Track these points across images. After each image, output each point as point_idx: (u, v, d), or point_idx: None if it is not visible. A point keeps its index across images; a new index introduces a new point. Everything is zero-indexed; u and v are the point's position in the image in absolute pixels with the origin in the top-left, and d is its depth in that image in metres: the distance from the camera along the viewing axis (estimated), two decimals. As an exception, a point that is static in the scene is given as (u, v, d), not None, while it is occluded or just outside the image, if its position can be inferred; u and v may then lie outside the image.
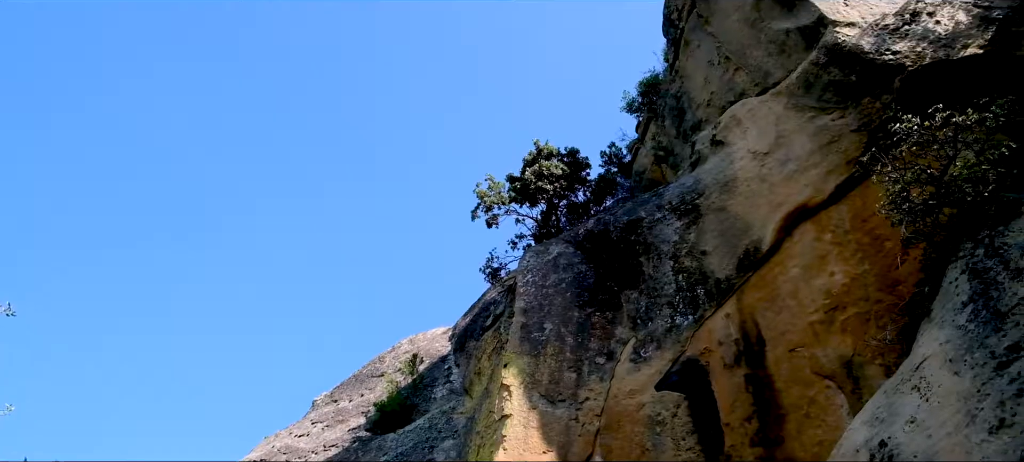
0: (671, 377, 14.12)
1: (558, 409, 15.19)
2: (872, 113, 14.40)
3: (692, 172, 17.66)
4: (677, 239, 16.19)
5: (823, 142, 14.84)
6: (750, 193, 15.41)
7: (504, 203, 22.78)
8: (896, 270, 12.14)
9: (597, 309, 16.61)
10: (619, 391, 14.60)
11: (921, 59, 14.24)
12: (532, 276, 18.43)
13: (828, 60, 15.48)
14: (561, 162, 22.94)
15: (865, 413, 9.90)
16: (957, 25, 14.55)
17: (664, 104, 21.17)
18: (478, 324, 20.06)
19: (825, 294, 12.84)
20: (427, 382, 20.00)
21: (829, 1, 16.55)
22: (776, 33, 17.33)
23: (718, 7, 19.66)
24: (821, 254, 13.33)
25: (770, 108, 16.45)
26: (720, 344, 13.87)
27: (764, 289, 13.83)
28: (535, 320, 17.12)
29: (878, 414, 9.65)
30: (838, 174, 14.12)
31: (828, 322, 12.53)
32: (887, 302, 12.04)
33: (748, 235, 14.82)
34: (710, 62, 19.54)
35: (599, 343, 15.96)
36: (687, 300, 15.06)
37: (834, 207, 13.81)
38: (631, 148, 22.25)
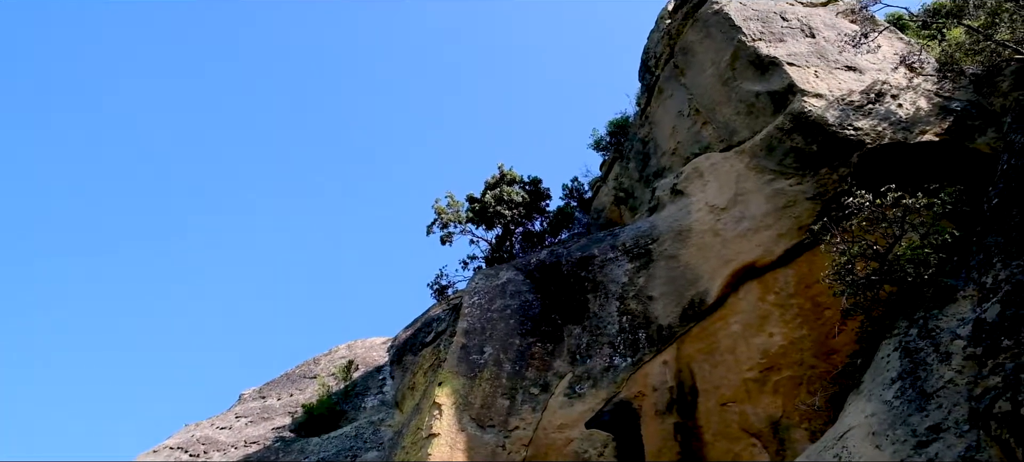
0: (603, 416, 14.03)
1: (487, 434, 14.98)
2: (828, 184, 14.63)
3: (649, 217, 17.74)
4: (626, 281, 16.20)
5: (779, 205, 15.02)
6: (703, 245, 15.51)
7: (461, 222, 22.65)
8: (832, 339, 12.27)
9: (539, 340, 16.50)
10: (549, 424, 14.46)
11: (880, 138, 14.55)
12: (479, 298, 18.27)
13: (793, 127, 15.72)
14: (523, 189, 22.93)
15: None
16: (918, 111, 14.93)
17: (631, 147, 21.32)
18: (419, 339, 19.81)
19: (762, 354, 12.91)
20: (359, 390, 19.62)
21: (801, 71, 16.90)
22: (747, 94, 17.59)
23: (695, 61, 19.95)
24: (763, 314, 13.42)
25: (732, 165, 16.63)
26: (654, 390, 13.85)
27: (704, 341, 13.87)
28: (476, 342, 16.94)
29: (798, 478, 9.67)
30: (789, 238, 14.28)
31: (762, 381, 12.59)
32: (820, 369, 12.14)
33: (695, 286, 14.89)
34: (680, 112, 19.76)
35: (536, 373, 15.83)
36: (628, 342, 15.03)
37: (781, 270, 13.95)
38: (593, 185, 22.35)
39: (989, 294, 9.85)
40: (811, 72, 16.98)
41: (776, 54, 17.52)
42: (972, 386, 8.83)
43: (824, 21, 19.83)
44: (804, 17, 19.83)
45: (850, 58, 17.55)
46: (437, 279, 21.56)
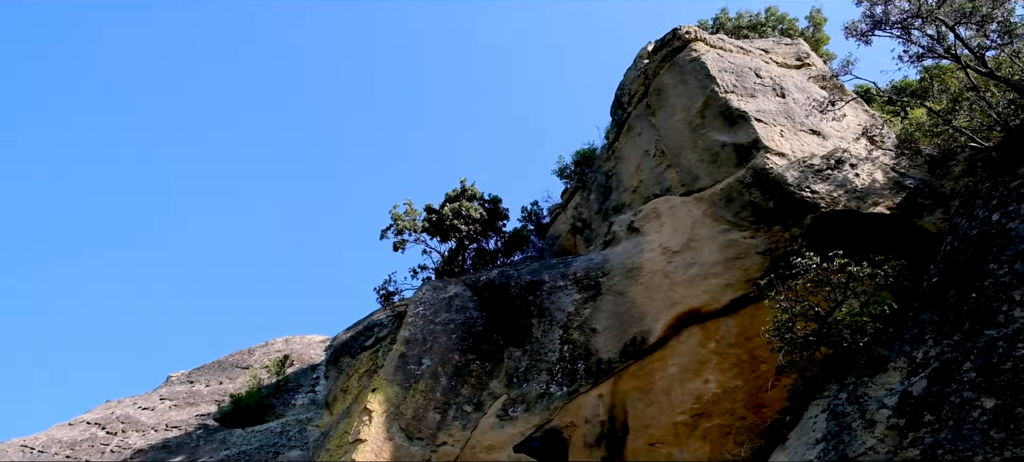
0: (532, 441, 13.92)
1: (414, 446, 14.76)
2: (780, 241, 14.82)
3: (603, 250, 17.79)
4: (572, 311, 16.18)
5: (730, 256, 15.16)
6: (651, 285, 15.56)
7: (416, 231, 22.52)
8: (765, 392, 12.35)
9: (478, 358, 16.37)
10: (478, 443, 14.30)
11: (835, 204, 14.80)
12: (424, 309, 18.10)
13: (753, 181, 15.93)
14: (482, 206, 22.89)
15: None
16: (873, 182, 15.23)
17: (594, 179, 21.41)
18: (358, 342, 19.53)
19: (696, 399, 12.94)
20: (291, 386, 19.22)
21: (767, 128, 17.17)
22: (713, 143, 17.80)
23: (667, 103, 20.16)
24: (702, 360, 13.48)
25: (690, 211, 16.77)
26: (586, 421, 13.79)
27: (641, 380, 13.87)
28: (415, 353, 16.74)
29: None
30: (736, 289, 14.40)
31: (692, 426, 12.61)
32: (750, 421, 12.21)
33: (639, 324, 14.91)
34: (646, 152, 19.92)
35: (471, 391, 15.68)
36: (566, 371, 14.98)
37: (724, 319, 14.05)
38: (552, 211, 22.40)
39: (919, 369, 10.00)
40: (777, 131, 17.26)
41: (746, 109, 17.78)
42: (892, 455, 8.93)
43: (795, 83, 20.21)
44: (777, 77, 20.19)
45: (815, 122, 17.88)
46: (385, 284, 21.39)
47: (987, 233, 11.64)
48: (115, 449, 17.44)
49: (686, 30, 21.68)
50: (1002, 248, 10.98)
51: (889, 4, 16.24)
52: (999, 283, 10.37)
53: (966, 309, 10.38)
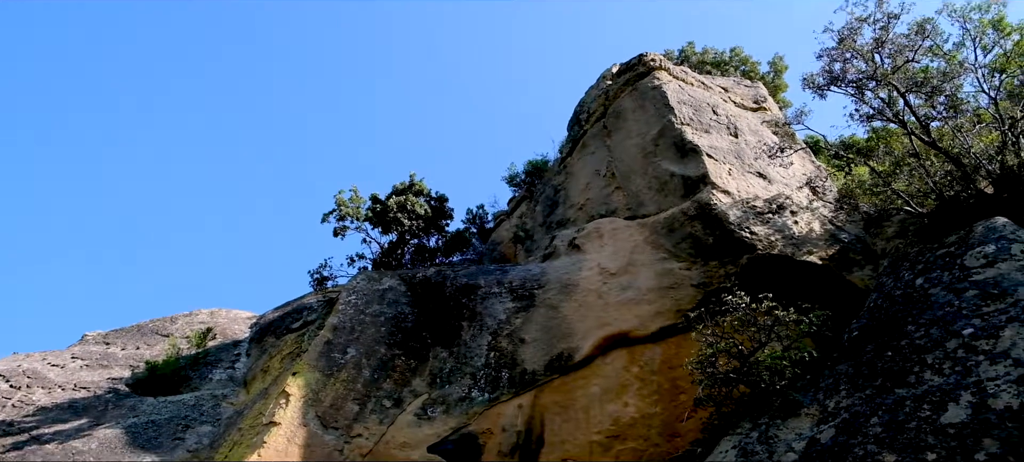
0: (447, 444, 13.79)
1: (328, 435, 14.50)
2: (715, 277, 15.01)
3: (542, 263, 17.79)
4: (504, 319, 16.12)
5: (665, 284, 15.29)
6: (585, 303, 15.60)
7: (359, 219, 22.22)
8: (680, 422, 12.46)
9: (404, 354, 16.19)
10: (393, 439, 14.11)
11: (771, 248, 15.05)
12: (356, 298, 17.85)
13: (697, 214, 16.12)
14: (428, 203, 22.72)
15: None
16: (810, 231, 15.54)
17: (542, 191, 21.44)
18: (286, 323, 19.14)
19: (613, 421, 12.98)
20: (211, 360, 18.71)
21: (717, 165, 17.41)
22: (663, 171, 17.98)
23: (624, 126, 20.32)
24: (624, 383, 13.54)
25: (632, 235, 16.89)
26: (503, 430, 13.72)
27: (562, 395, 13.87)
28: (342, 341, 16.49)
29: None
30: (666, 318, 14.52)
31: (606, 447, 12.64)
32: (663, 448, 12.29)
33: (568, 340, 14.93)
34: (597, 171, 20.03)
35: (393, 386, 15.49)
36: (490, 378, 14.90)
37: (651, 346, 14.15)
38: (497, 217, 22.36)
39: (829, 417, 10.20)
40: (726, 169, 17.53)
41: (699, 143, 18.02)
42: (792, 499, 9.08)
43: (749, 125, 20.57)
44: (733, 116, 20.53)
45: (763, 166, 18.21)
46: (320, 269, 21.04)
47: (909, 296, 11.96)
48: (17, 404, 16.75)
49: (652, 57, 21.92)
50: (921, 312, 11.28)
51: (847, 63, 16.68)
52: (914, 345, 10.65)
53: (881, 366, 10.63)
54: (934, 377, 9.86)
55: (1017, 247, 11.58)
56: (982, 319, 10.40)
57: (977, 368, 9.56)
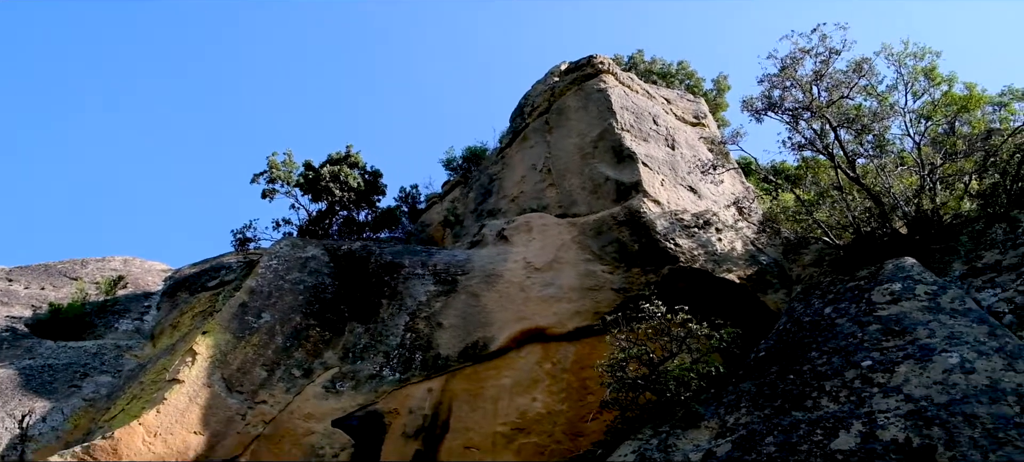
0: (352, 420, 13.64)
1: (232, 398, 14.18)
2: (635, 283, 15.21)
3: (468, 250, 17.75)
4: (424, 301, 16.03)
5: (586, 285, 15.42)
6: (506, 295, 15.62)
7: (290, 184, 21.78)
8: (585, 422, 12.60)
9: (320, 325, 15.94)
10: (298, 409, 13.89)
11: (693, 261, 15.33)
12: (277, 263, 17.49)
13: (626, 220, 16.30)
14: (362, 176, 22.40)
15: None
16: (732, 250, 15.89)
17: (478, 178, 21.39)
18: (202, 280, 18.64)
19: (520, 414, 13.05)
20: (119, 309, 18.07)
21: (651, 174, 17.63)
22: (598, 174, 18.12)
23: (566, 125, 20.39)
24: (535, 378, 13.62)
25: (560, 233, 16.98)
26: (410, 412, 13.64)
27: (473, 384, 13.86)
28: (257, 305, 16.14)
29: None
30: (583, 318, 14.65)
31: (510, 439, 12.69)
32: (565, 446, 12.42)
33: (485, 329, 14.92)
34: (534, 165, 20.06)
35: (304, 356, 15.24)
36: (403, 359, 14.79)
37: (565, 344, 14.26)
38: (429, 199, 22.22)
39: (727, 432, 10.45)
40: (659, 179, 17.77)
41: (636, 150, 18.22)
42: (682, 508, 9.27)
43: (687, 139, 20.91)
44: (672, 128, 20.83)
45: (695, 181, 18.54)
46: (244, 229, 20.55)
47: (817, 323, 12.34)
48: (-97, 332, 15.90)
49: (601, 60, 22.06)
50: (826, 340, 11.65)
51: (786, 91, 17.06)
52: (816, 371, 10.99)
53: (782, 388, 10.94)
54: (830, 404, 10.19)
55: (921, 288, 12.04)
56: (881, 353, 10.80)
57: (871, 399, 9.92)
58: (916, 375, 9.93)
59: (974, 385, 9.43)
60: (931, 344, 10.46)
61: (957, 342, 10.30)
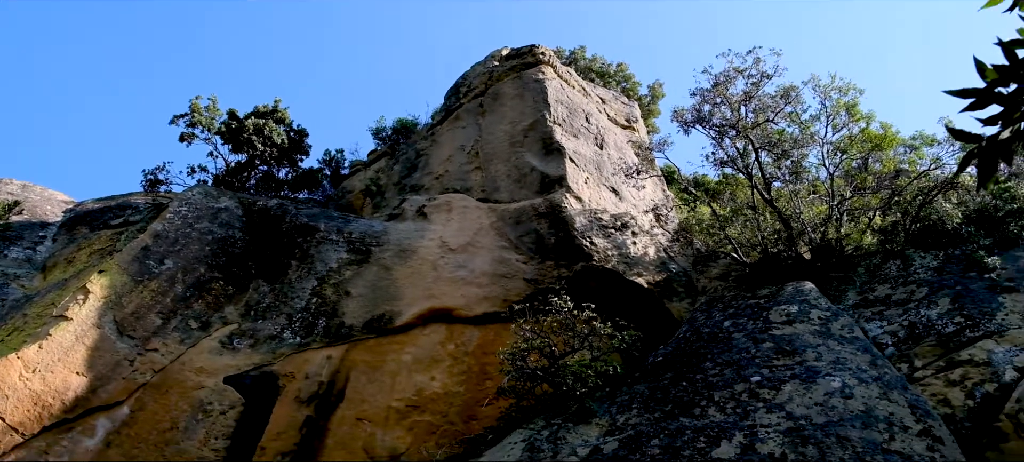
0: (245, 377, 13.33)
1: (121, 342, 13.67)
2: (547, 276, 15.32)
3: (386, 222, 17.54)
4: (335, 267, 15.77)
5: (499, 273, 15.45)
6: (418, 272, 15.52)
7: (210, 131, 21.06)
8: (481, 408, 12.65)
9: (224, 278, 15.52)
10: (190, 361, 13.49)
11: (606, 261, 15.54)
12: (187, 210, 16.94)
13: (546, 213, 16.39)
14: (287, 134, 21.87)
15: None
16: (645, 255, 16.17)
17: (405, 151, 21.17)
18: (105, 217, 17.88)
19: (417, 391, 12.99)
20: (11, 235, 17.16)
21: (576, 171, 17.77)
22: (524, 164, 18.16)
23: (500, 110, 20.36)
24: (436, 358, 13.58)
25: (479, 217, 16.96)
26: (306, 377, 13.42)
27: (374, 356, 13.73)
28: (161, 250, 15.60)
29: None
30: (492, 304, 14.68)
31: (404, 415, 12.63)
32: (457, 428, 12.44)
33: (392, 303, 14.79)
34: (463, 146, 19.97)
35: (203, 308, 14.82)
36: (306, 323, 14.53)
37: (471, 327, 14.26)
38: (353, 166, 21.86)
39: (616, 431, 10.64)
40: (583, 177, 17.93)
41: (565, 145, 18.33)
42: (562, 499, 9.40)
43: (615, 141, 21.15)
44: (603, 128, 21.03)
45: (618, 183, 18.78)
46: (156, 170, 19.78)
47: (715, 335, 12.69)
48: None
49: (543, 51, 22.09)
50: (721, 351, 11.98)
51: (715, 108, 17.42)
52: (708, 380, 11.30)
53: (674, 393, 11.21)
54: (717, 413, 10.49)
55: (816, 312, 12.49)
56: (770, 370, 11.17)
57: (755, 413, 10.25)
58: (800, 395, 10.31)
59: (851, 409, 9.85)
60: (817, 367, 10.88)
61: (841, 368, 10.74)
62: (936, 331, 11.98)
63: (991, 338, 11.53)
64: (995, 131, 4.10)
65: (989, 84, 3.96)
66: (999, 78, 3.93)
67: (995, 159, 4.05)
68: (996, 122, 4.08)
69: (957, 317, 12.10)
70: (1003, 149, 4.02)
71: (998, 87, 3.97)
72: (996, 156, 4.05)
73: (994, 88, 3.97)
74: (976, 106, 4.02)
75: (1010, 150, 4.02)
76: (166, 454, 12.05)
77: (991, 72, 3.94)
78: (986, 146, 4.06)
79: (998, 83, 3.95)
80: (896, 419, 9.62)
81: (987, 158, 4.06)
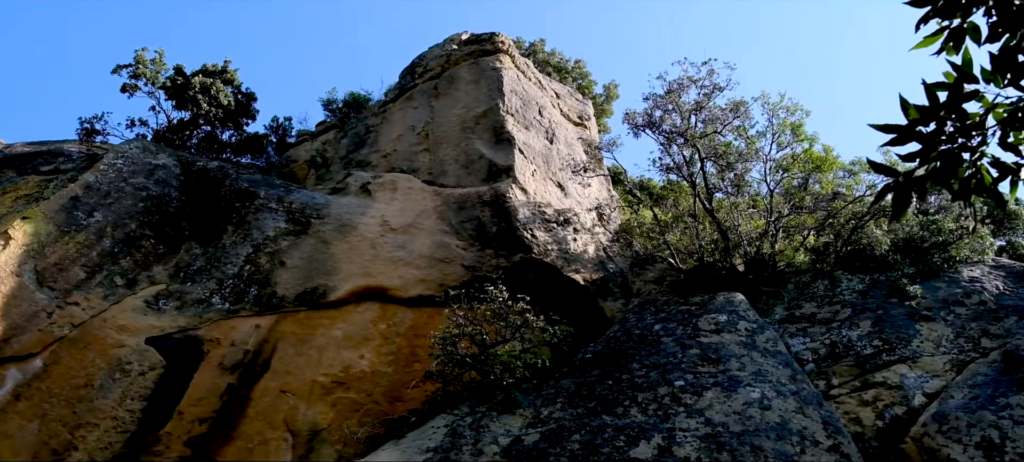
0: (169, 340, 13.01)
1: (41, 293, 13.23)
2: (486, 265, 15.33)
3: (328, 195, 17.31)
4: (272, 235, 15.51)
5: (438, 257, 15.40)
6: (356, 248, 15.36)
7: (155, 84, 20.45)
8: (407, 390, 12.61)
9: (155, 237, 15.13)
10: (112, 319, 13.12)
11: (545, 254, 15.62)
12: (123, 163, 16.45)
13: (490, 201, 16.38)
14: (235, 96, 21.35)
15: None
16: (584, 252, 16.30)
17: (354, 125, 20.91)
18: (35, 162, 17.23)
19: (344, 368, 12.88)
20: (-68, 173, 16.45)
21: (524, 162, 17.80)
22: (474, 151, 18.12)
23: (454, 94, 20.25)
24: (367, 336, 13.48)
25: (424, 200, 16.87)
26: (232, 345, 13.17)
27: (304, 329, 13.55)
28: (91, 202, 15.13)
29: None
30: (428, 287, 14.63)
31: (328, 390, 12.51)
32: (382, 407, 12.38)
33: (327, 278, 14.62)
34: (413, 127, 19.82)
35: (131, 265, 14.42)
36: (236, 290, 14.25)
37: (404, 309, 14.19)
38: (300, 135, 21.49)
39: (539, 423, 10.74)
40: (531, 169, 17.97)
41: (516, 136, 18.33)
42: (479, 487, 9.46)
43: (566, 137, 21.24)
44: (555, 123, 21.10)
45: (565, 178, 18.87)
46: (94, 119, 19.09)
47: (645, 337, 12.88)
48: None
49: (503, 39, 22.01)
50: (649, 354, 12.18)
51: (667, 114, 17.63)
52: (633, 381, 11.48)
53: (599, 391, 11.35)
54: (639, 414, 10.67)
55: (744, 324, 12.78)
56: (694, 376, 11.40)
57: (675, 417, 10.46)
58: (720, 402, 10.55)
59: (767, 421, 10.13)
60: (740, 377, 11.14)
61: (762, 379, 11.02)
62: (855, 352, 12.38)
63: (905, 363, 11.97)
64: (913, 167, 4.25)
65: (910, 122, 4.10)
66: (920, 118, 4.07)
67: (909, 194, 4.20)
68: (915, 159, 4.24)
69: (876, 340, 12.52)
70: (917, 185, 4.17)
71: (918, 126, 4.12)
72: (910, 191, 4.20)
73: (915, 127, 4.11)
74: (897, 142, 4.16)
75: (924, 187, 4.17)
76: (78, 411, 11.71)
77: (913, 111, 4.08)
78: (902, 182, 4.21)
79: (918, 122, 4.10)
80: (809, 433, 9.93)
81: (901, 193, 4.20)
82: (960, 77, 3.99)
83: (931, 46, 4.24)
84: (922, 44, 4.26)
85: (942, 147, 4.13)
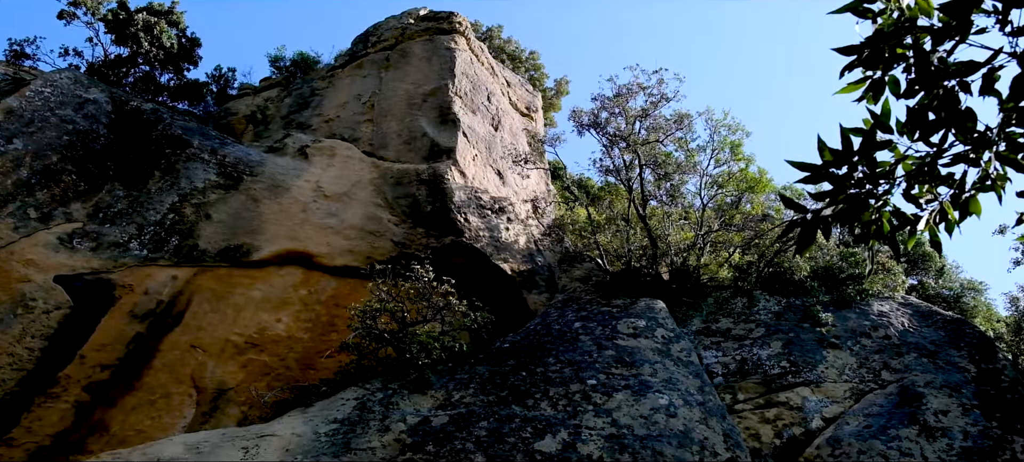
0: (78, 280, 12.58)
1: (-53, 216, 12.64)
2: (416, 244, 15.28)
3: (264, 153, 16.98)
4: (201, 187, 15.12)
5: (368, 229, 15.28)
6: (286, 211, 15.12)
7: (95, 16, 19.66)
8: (320, 358, 12.52)
9: (78, 173, 14.59)
10: (20, 252, 12.61)
11: (476, 240, 15.66)
12: (51, 93, 15.82)
13: (428, 181, 16.32)
14: (178, 39, 20.70)
15: (191, 439, 9.62)
16: (515, 243, 16.40)
17: (300, 87, 20.54)
18: (-45, 79, 16.39)
19: (259, 330, 12.69)
20: None
21: (467, 146, 17.78)
22: (417, 128, 18.00)
23: (405, 68, 20.08)
24: (286, 300, 13.31)
25: (360, 170, 16.70)
26: (146, 293, 12.81)
27: (222, 285, 13.28)
28: (12, 128, 14.51)
29: (201, 448, 9.42)
30: (355, 258, 14.52)
31: (240, 350, 12.31)
32: (293, 373, 12.26)
33: (252, 236, 14.34)
34: (359, 96, 19.58)
35: (48, 200, 13.88)
36: (157, 238, 13.86)
37: (329, 277, 14.05)
38: (242, 88, 20.96)
39: (448, 406, 10.79)
40: (472, 154, 17.96)
41: (461, 118, 18.28)
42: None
43: (512, 126, 21.29)
44: (502, 110, 21.12)
45: (505, 167, 18.92)
46: (25, 42, 18.25)
47: (564, 333, 13.05)
48: None
49: (460, 21, 21.89)
50: (566, 350, 12.34)
51: (612, 117, 17.82)
52: (547, 375, 11.62)
53: (512, 381, 11.46)
54: (548, 408, 10.81)
55: (661, 331, 13.06)
56: (607, 377, 11.60)
57: (583, 414, 10.64)
58: (628, 405, 10.78)
59: (672, 427, 10.39)
60: (650, 382, 11.39)
61: (671, 387, 11.29)
62: (763, 370, 12.79)
63: (809, 386, 12.43)
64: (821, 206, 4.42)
65: (824, 163, 4.26)
66: (833, 160, 4.23)
67: (814, 231, 4.37)
68: (825, 199, 4.41)
69: (784, 361, 12.96)
70: (823, 224, 4.34)
71: (831, 168, 4.27)
72: (815, 229, 4.36)
73: (828, 168, 4.27)
74: (810, 180, 4.31)
75: (829, 226, 4.33)
76: (-27, 343, 11.25)
77: (828, 153, 4.23)
78: (809, 219, 4.37)
79: (832, 164, 4.25)
80: (709, 444, 10.24)
81: (807, 229, 4.37)
82: (876, 125, 4.15)
83: (853, 93, 4.40)
84: (845, 90, 4.40)
85: (851, 190, 4.30)
